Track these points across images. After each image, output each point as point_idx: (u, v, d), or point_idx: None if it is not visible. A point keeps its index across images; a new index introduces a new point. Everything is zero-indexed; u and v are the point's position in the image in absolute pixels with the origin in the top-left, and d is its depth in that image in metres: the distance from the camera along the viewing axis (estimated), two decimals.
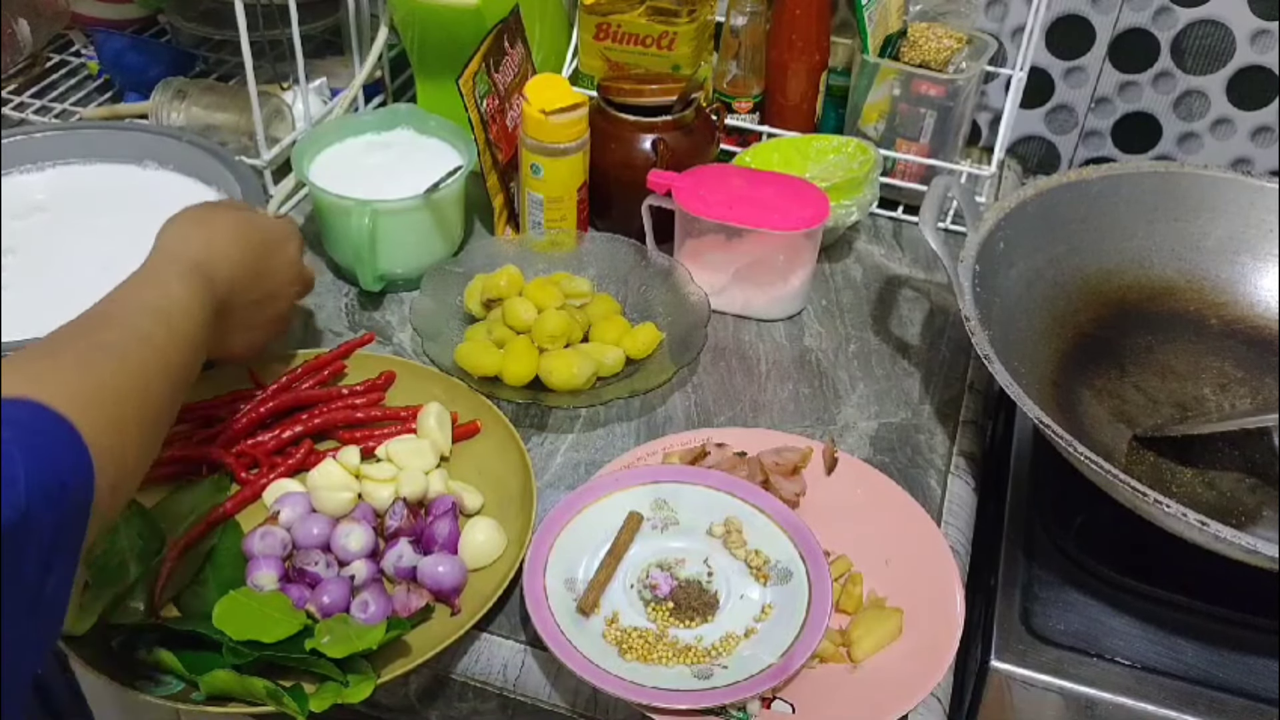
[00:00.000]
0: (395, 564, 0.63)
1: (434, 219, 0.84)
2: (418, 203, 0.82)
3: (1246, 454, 0.74)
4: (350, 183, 0.83)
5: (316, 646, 0.56)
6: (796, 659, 0.57)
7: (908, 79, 0.93)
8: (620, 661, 0.59)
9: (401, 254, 0.84)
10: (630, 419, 0.77)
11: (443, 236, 0.86)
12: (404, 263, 0.85)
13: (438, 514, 0.65)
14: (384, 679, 0.56)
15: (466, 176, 0.85)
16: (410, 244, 0.85)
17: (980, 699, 0.64)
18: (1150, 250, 0.83)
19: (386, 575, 0.63)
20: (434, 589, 0.62)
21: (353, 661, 0.57)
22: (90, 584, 0.61)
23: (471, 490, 0.68)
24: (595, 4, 0.95)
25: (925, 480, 0.73)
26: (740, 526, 0.66)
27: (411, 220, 0.83)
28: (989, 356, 0.66)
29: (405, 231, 0.84)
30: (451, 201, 0.86)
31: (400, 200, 0.82)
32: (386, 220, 0.81)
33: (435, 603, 0.62)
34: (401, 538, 0.64)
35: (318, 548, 0.64)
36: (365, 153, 0.89)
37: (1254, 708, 0.61)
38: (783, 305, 0.86)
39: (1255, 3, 0.94)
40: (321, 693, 0.56)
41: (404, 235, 0.84)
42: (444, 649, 0.58)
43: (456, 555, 0.63)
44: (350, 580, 0.62)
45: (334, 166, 0.87)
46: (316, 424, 0.71)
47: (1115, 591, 0.66)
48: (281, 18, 0.93)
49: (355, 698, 0.55)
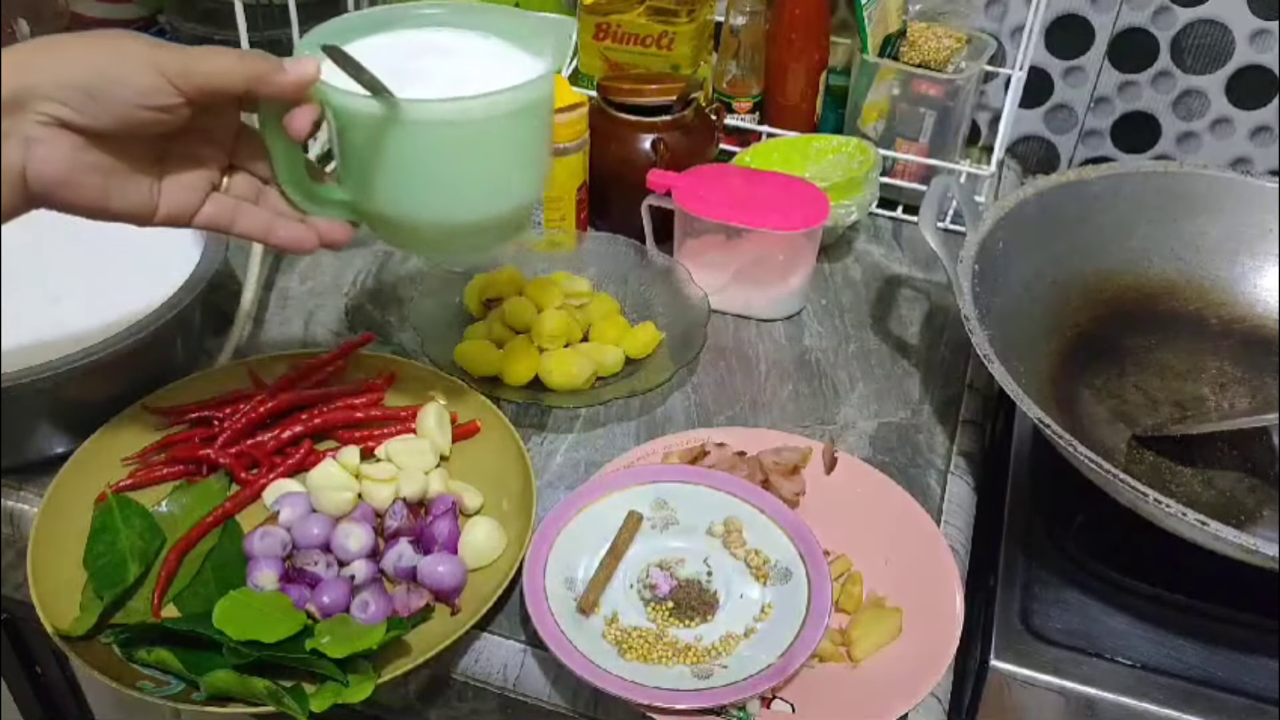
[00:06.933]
0: (395, 564, 0.63)
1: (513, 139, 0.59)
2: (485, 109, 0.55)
3: (1246, 454, 0.74)
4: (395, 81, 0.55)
5: (317, 646, 0.56)
6: (796, 659, 0.57)
7: (907, 79, 0.93)
8: (620, 661, 0.59)
9: (470, 186, 0.59)
10: (630, 419, 0.77)
11: (523, 167, 0.61)
12: (470, 201, 0.59)
13: (438, 514, 0.65)
14: (384, 679, 0.56)
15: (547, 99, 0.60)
16: (479, 174, 0.59)
17: (980, 699, 0.64)
18: (1150, 250, 0.83)
19: (386, 575, 0.63)
20: (434, 589, 0.62)
21: (353, 661, 0.57)
22: (90, 584, 0.61)
23: (471, 490, 0.68)
24: (595, 4, 0.95)
25: (925, 480, 0.73)
26: (740, 526, 0.66)
27: (479, 136, 0.57)
28: (988, 356, 0.66)
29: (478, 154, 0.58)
30: (534, 120, 0.59)
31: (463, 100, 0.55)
32: (439, 133, 0.56)
33: (435, 603, 0.62)
34: (401, 538, 0.64)
35: (318, 548, 0.64)
36: (413, 53, 0.60)
37: (1254, 708, 0.61)
38: (782, 305, 0.86)
39: (1255, 2, 0.94)
40: (322, 693, 0.56)
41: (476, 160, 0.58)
42: (444, 649, 0.58)
43: (456, 555, 0.63)
44: (350, 580, 0.62)
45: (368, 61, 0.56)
46: (316, 424, 0.71)
47: (1115, 591, 0.66)
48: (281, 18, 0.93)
49: (355, 698, 0.55)
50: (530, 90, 0.56)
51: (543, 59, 0.59)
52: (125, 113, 0.49)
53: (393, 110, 0.54)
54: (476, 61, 0.60)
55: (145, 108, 0.50)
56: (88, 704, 0.92)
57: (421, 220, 0.59)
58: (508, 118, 0.56)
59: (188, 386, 0.72)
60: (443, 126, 0.55)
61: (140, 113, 0.50)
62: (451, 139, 0.56)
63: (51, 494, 0.64)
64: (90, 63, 0.49)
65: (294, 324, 0.83)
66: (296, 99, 0.54)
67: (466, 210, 0.59)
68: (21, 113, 0.48)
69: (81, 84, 0.48)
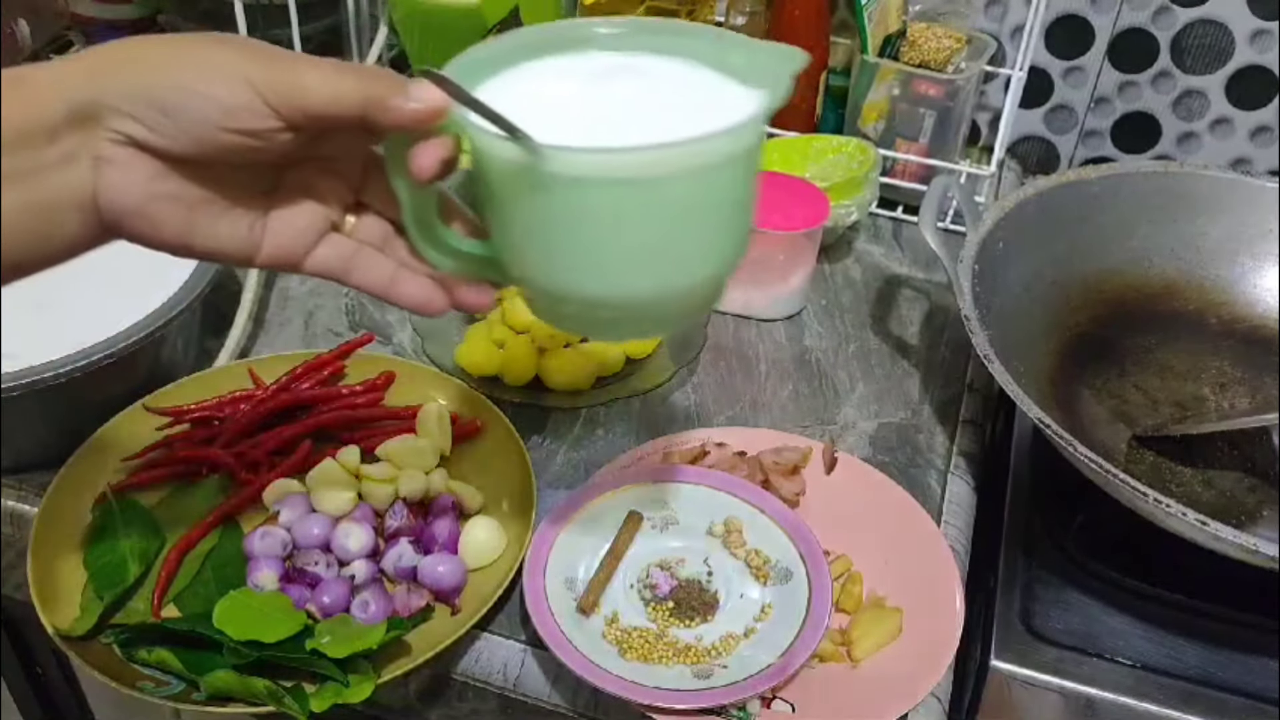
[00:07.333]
0: (395, 564, 0.63)
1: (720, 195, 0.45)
2: (701, 156, 0.42)
3: (1246, 454, 0.74)
4: (551, 124, 0.42)
5: (317, 646, 0.56)
6: (796, 659, 0.57)
7: (907, 79, 0.93)
8: (620, 661, 0.59)
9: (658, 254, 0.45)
10: (630, 419, 0.77)
11: (729, 228, 0.46)
12: (658, 270, 0.45)
13: (438, 514, 0.65)
14: (384, 679, 0.56)
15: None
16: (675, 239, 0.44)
17: (980, 699, 0.64)
18: (1150, 250, 0.83)
19: (386, 575, 0.63)
20: (434, 589, 0.62)
21: (353, 661, 0.56)
22: (90, 584, 0.61)
23: (471, 490, 0.68)
24: (595, 4, 0.95)
25: (925, 480, 0.73)
26: (740, 526, 0.66)
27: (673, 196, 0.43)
28: (989, 356, 0.66)
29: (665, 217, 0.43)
30: (745, 167, 0.45)
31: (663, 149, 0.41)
32: (628, 193, 0.42)
33: (435, 603, 0.62)
34: (401, 538, 0.64)
35: (318, 548, 0.64)
36: (593, 81, 0.47)
37: (1254, 707, 0.61)
38: (783, 305, 0.86)
39: (1255, 3, 0.94)
40: (322, 693, 0.56)
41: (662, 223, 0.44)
42: (444, 649, 0.58)
43: (456, 555, 0.63)
44: (350, 580, 0.62)
45: (514, 101, 0.44)
46: (316, 424, 0.71)
47: (1115, 591, 0.66)
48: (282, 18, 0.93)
49: (356, 698, 0.55)
50: (735, 138, 0.42)
51: (756, 93, 0.44)
52: (207, 135, 0.40)
53: (539, 159, 0.40)
54: (673, 94, 0.46)
55: (232, 130, 0.40)
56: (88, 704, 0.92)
57: (581, 295, 0.45)
58: (703, 172, 0.42)
59: (188, 386, 0.72)
60: (609, 185, 0.41)
61: (226, 136, 0.40)
62: (619, 200, 0.42)
63: (51, 494, 0.64)
64: (167, 72, 0.40)
65: (294, 324, 0.83)
66: (422, 131, 0.42)
67: (639, 285, 0.45)
68: (92, 129, 0.40)
69: (155, 97, 0.39)
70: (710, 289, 0.48)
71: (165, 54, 0.40)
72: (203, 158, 0.41)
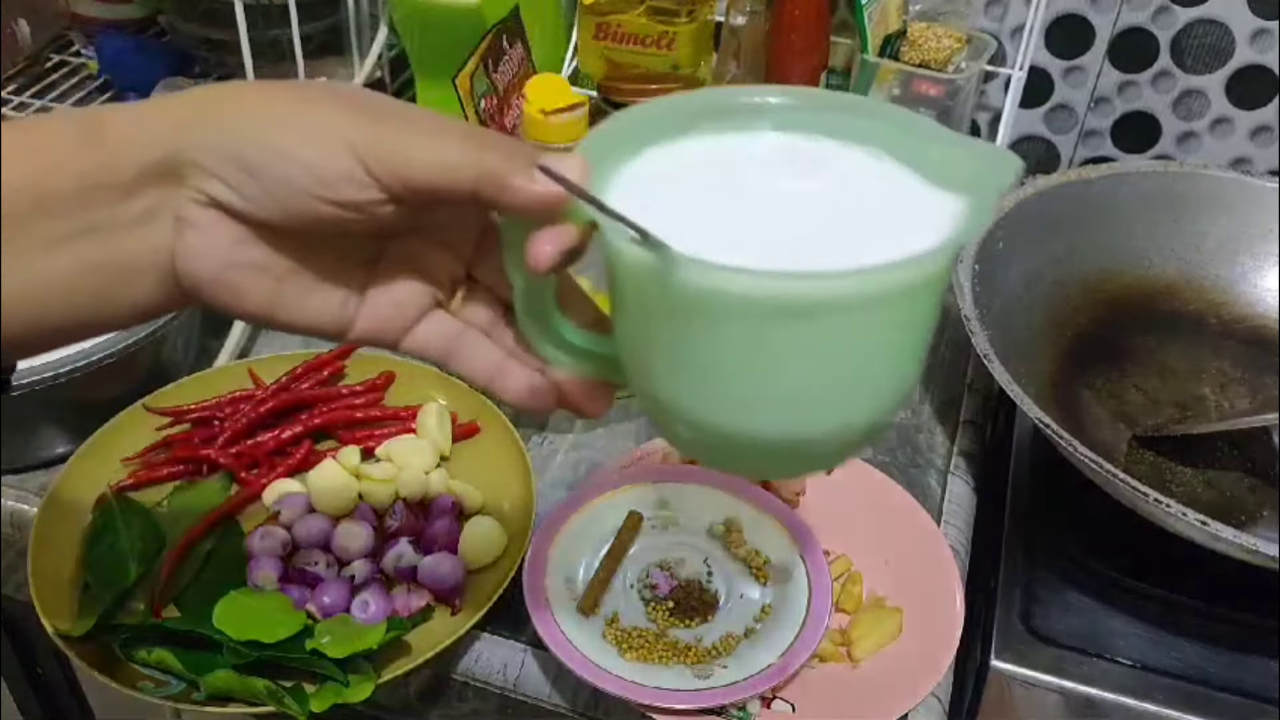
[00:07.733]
0: (395, 564, 0.63)
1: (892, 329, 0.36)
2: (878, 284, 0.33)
3: (1246, 454, 0.74)
4: (701, 234, 0.34)
5: (317, 646, 0.56)
6: (796, 659, 0.57)
7: (907, 79, 0.93)
8: (620, 661, 0.59)
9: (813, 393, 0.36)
10: (630, 419, 0.76)
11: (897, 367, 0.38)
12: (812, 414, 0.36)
13: (437, 514, 0.65)
14: (384, 679, 0.56)
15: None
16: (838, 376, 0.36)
17: (980, 699, 0.64)
18: (1150, 250, 0.83)
19: (386, 575, 0.63)
20: (434, 589, 0.62)
21: (353, 661, 0.57)
22: (90, 584, 0.61)
23: (471, 490, 0.68)
24: (595, 4, 0.95)
25: (925, 480, 0.73)
26: (740, 526, 0.66)
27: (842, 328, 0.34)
28: (989, 356, 0.66)
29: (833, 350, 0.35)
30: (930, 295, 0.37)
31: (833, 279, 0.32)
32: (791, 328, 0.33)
33: (435, 603, 0.62)
34: (401, 538, 0.64)
35: (318, 548, 0.64)
36: (753, 169, 0.38)
37: (1254, 707, 0.61)
38: None
39: (1255, 2, 0.94)
40: (322, 693, 0.56)
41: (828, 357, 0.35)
42: (444, 649, 0.58)
43: (456, 555, 0.63)
44: (350, 580, 0.62)
45: (657, 199, 0.36)
46: (316, 424, 0.71)
47: (1115, 591, 0.66)
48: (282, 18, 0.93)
49: (356, 698, 0.55)
50: (922, 267, 0.33)
51: (950, 200, 0.36)
52: (298, 203, 0.35)
53: (674, 268, 0.32)
54: (853, 195, 0.38)
55: (328, 201, 0.34)
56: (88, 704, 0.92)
57: (714, 424, 0.36)
58: (878, 304, 0.34)
59: (188, 386, 0.72)
60: (757, 311, 0.33)
61: (321, 207, 0.35)
62: (767, 329, 0.33)
63: (51, 494, 0.64)
64: (257, 128, 0.34)
65: None
66: (544, 216, 0.35)
67: (788, 423, 0.36)
68: (175, 185, 0.35)
69: (242, 156, 0.34)
70: (869, 429, 0.39)
71: (258, 106, 0.35)
72: (293, 227, 0.36)
